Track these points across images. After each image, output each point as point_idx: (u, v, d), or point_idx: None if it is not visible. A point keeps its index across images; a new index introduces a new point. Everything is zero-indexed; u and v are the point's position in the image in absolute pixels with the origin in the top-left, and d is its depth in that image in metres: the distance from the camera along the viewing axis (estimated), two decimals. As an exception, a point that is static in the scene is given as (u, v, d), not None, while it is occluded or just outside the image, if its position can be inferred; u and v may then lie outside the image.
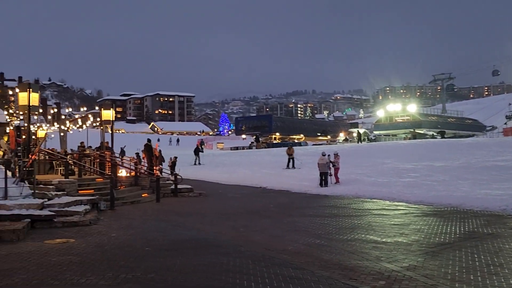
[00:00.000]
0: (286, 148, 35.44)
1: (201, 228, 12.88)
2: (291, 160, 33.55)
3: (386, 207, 16.56)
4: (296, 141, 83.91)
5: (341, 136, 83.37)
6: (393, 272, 7.82)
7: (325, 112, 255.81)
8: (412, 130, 66.09)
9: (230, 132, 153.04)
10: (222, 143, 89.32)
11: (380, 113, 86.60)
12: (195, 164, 42.59)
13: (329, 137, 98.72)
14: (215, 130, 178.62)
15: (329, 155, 24.98)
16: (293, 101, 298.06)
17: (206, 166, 43.10)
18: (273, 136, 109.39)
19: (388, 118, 78.97)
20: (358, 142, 58.92)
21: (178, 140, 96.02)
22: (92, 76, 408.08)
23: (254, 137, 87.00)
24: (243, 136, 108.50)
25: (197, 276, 7.61)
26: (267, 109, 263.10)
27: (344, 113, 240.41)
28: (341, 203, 18.44)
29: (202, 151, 44.71)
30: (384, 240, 10.60)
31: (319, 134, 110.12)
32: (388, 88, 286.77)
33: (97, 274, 7.75)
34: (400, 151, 36.36)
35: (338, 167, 24.69)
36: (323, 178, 24.01)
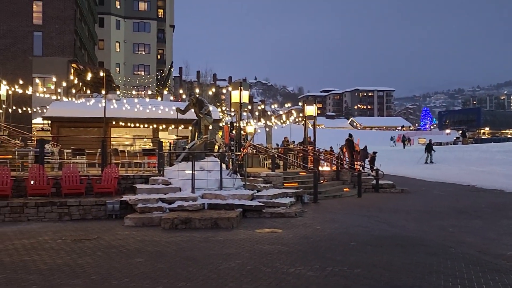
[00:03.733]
0: None
1: (406, 226, 12.47)
2: None
3: None
4: (510, 136, 76.65)
5: None
6: None
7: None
8: None
9: (432, 127, 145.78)
10: (424, 138, 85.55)
11: None
12: (426, 162, 39.74)
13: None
14: (416, 125, 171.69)
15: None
16: (505, 92, 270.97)
17: (407, 162, 41.68)
18: (482, 130, 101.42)
19: None
20: None
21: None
22: (293, 73, 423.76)
23: (460, 132, 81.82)
24: (447, 131, 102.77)
25: (405, 275, 7.35)
26: (474, 102, 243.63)
27: None
28: None
29: (434, 150, 41.09)
30: None
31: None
32: None
33: (305, 264, 7.98)
34: None
35: None
36: (545, 177, 21.44)
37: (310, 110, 23.88)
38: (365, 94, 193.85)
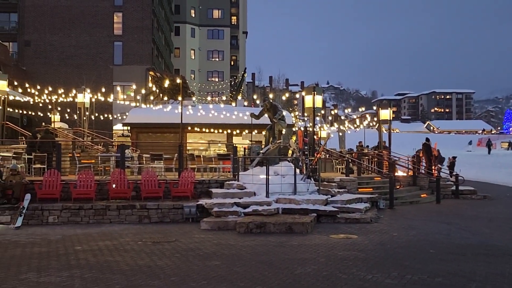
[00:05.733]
0: None
1: (490, 234, 11.90)
2: None
3: None
4: None
5: None
6: None
7: None
8: None
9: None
10: (507, 142, 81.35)
11: None
12: None
13: None
14: (498, 128, 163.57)
15: None
16: None
17: (489, 167, 39.83)
18: None
19: None
20: None
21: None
22: (366, 77, 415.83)
23: (548, 135, 77.19)
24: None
25: (490, 285, 7.01)
26: None
27: None
28: None
29: None
30: None
31: None
32: None
33: (382, 272, 7.81)
34: None
35: None
36: None
37: (385, 114, 23.37)
38: (442, 96, 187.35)
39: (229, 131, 27.58)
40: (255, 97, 38.58)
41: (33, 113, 32.16)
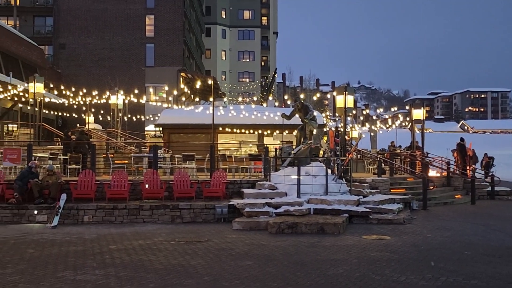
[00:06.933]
0: None
1: (527, 236, 11.64)
2: None
3: None
4: None
5: None
6: None
7: None
8: None
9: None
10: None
11: None
12: None
13: None
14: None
15: None
16: None
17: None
18: None
19: None
20: None
21: None
22: (398, 76, 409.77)
23: None
24: None
25: (528, 288, 6.87)
26: None
27: None
28: None
29: None
30: None
31: None
32: None
33: (416, 273, 7.72)
34: None
35: None
36: None
37: (418, 113, 23.07)
38: (477, 95, 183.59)
39: (260, 131, 27.58)
40: (286, 97, 38.49)
41: (68, 115, 32.85)
